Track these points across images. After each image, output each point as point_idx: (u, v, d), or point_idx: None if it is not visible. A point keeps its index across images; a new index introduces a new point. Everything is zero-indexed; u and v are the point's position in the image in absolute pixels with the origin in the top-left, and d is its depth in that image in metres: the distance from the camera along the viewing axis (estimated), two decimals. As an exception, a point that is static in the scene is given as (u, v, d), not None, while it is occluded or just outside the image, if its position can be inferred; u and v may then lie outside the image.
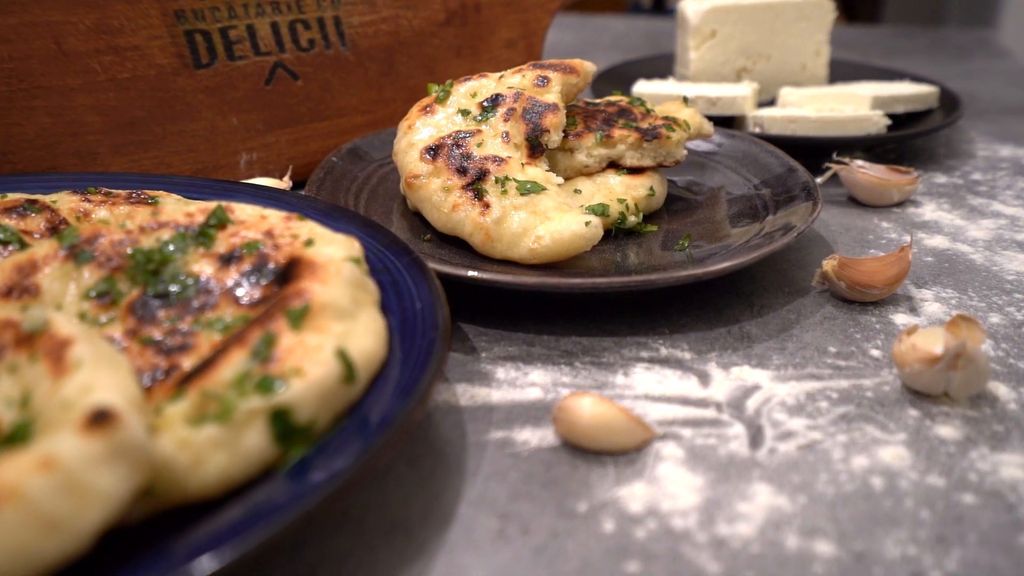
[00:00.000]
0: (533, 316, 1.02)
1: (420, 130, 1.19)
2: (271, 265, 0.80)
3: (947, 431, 0.82)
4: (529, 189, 1.08)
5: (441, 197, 1.11)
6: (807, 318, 1.02)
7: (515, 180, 1.09)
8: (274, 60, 1.39)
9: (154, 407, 0.65)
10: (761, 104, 1.80)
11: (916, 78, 1.87)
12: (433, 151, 1.14)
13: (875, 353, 0.95)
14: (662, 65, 2.00)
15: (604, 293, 1.03)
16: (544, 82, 1.21)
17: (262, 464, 0.64)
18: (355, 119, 1.49)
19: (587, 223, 1.04)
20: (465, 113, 1.20)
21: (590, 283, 0.94)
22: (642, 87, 1.67)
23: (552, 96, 1.19)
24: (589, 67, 1.25)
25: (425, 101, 1.24)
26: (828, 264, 1.06)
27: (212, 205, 0.87)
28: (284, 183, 1.29)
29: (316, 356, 0.67)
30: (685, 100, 1.35)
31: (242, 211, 0.88)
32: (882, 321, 1.02)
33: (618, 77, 1.85)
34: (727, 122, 1.62)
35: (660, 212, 1.25)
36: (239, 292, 0.78)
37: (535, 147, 1.14)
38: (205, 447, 0.62)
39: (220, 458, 0.62)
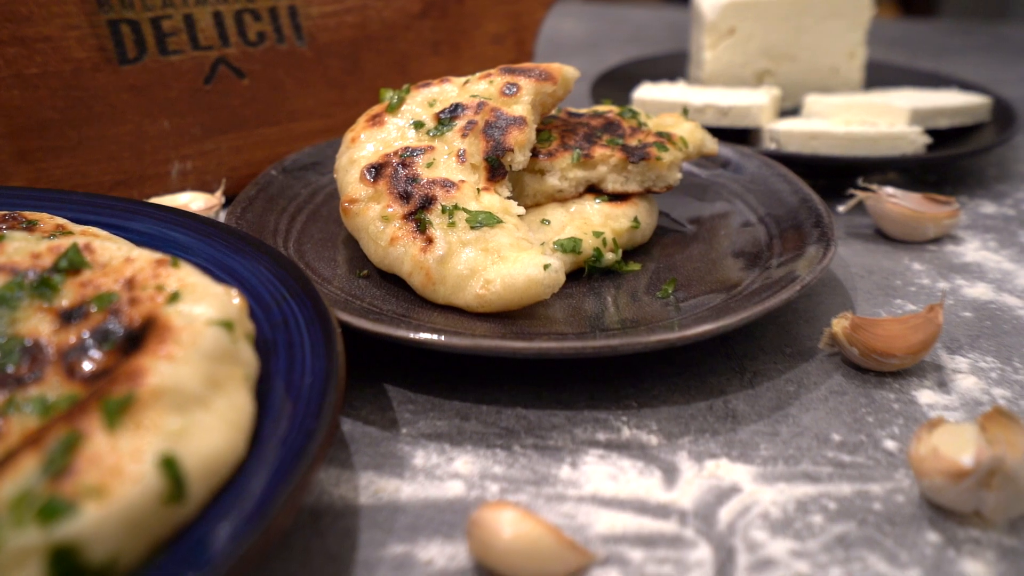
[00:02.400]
0: (474, 379, 0.86)
1: (364, 145, 1.03)
2: (121, 326, 0.65)
3: (976, 567, 0.65)
4: (481, 221, 0.92)
5: (378, 227, 0.95)
6: (809, 391, 0.86)
7: (465, 210, 0.93)
8: (216, 55, 1.24)
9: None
10: (784, 113, 1.62)
11: (966, 85, 1.67)
12: (375, 171, 0.99)
13: (889, 445, 0.78)
14: (676, 65, 1.83)
15: (553, 360, 0.87)
16: (513, 90, 1.05)
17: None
18: (311, 124, 1.34)
19: (546, 266, 0.88)
20: (418, 125, 1.04)
21: (535, 348, 0.78)
22: (645, 92, 1.50)
23: (521, 108, 1.03)
24: (570, 73, 1.09)
25: (375, 109, 1.08)
26: (838, 325, 0.89)
27: (67, 243, 0.72)
28: (216, 199, 1.15)
29: (129, 467, 0.53)
30: (685, 112, 1.18)
31: (104, 251, 0.73)
32: (902, 399, 0.85)
33: (621, 79, 1.68)
34: (741, 135, 1.45)
35: (647, 247, 1.09)
36: (75, 361, 0.63)
37: (495, 169, 0.99)
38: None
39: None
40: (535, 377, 0.86)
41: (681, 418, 0.81)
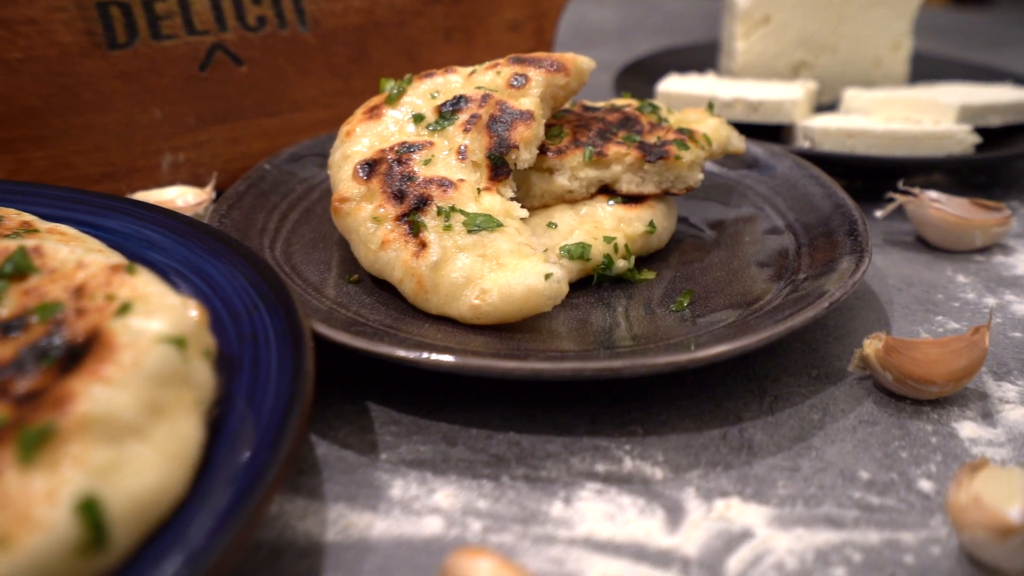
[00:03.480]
0: (465, 398, 0.80)
1: (359, 139, 0.97)
2: (62, 341, 0.59)
3: (1019, 638, 0.57)
4: (480, 225, 0.85)
5: (369, 229, 0.89)
6: (835, 420, 0.78)
7: (463, 212, 0.86)
8: (212, 41, 1.18)
9: None
10: (820, 108, 1.53)
11: (1021, 80, 1.57)
12: (369, 167, 0.92)
13: (925, 486, 0.70)
14: (708, 55, 1.74)
15: (548, 381, 0.80)
16: (521, 82, 0.98)
17: None
18: (313, 115, 1.28)
19: (547, 276, 0.81)
20: (418, 119, 0.97)
21: (527, 368, 0.71)
22: (671, 85, 1.42)
23: (528, 101, 0.96)
24: (584, 64, 1.01)
25: (374, 101, 1.02)
26: (870, 346, 0.81)
27: (14, 246, 0.67)
28: (206, 193, 1.09)
29: (39, 512, 0.47)
30: (710, 107, 1.10)
31: (55, 255, 0.67)
32: (941, 432, 0.76)
33: (649, 70, 1.60)
34: (772, 132, 1.36)
35: (663, 254, 1.01)
36: (8, 380, 0.58)
37: (498, 167, 0.92)
38: None
39: None
40: (532, 397, 0.80)
41: (691, 448, 0.74)
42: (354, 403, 0.79)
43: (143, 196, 1.05)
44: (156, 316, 0.61)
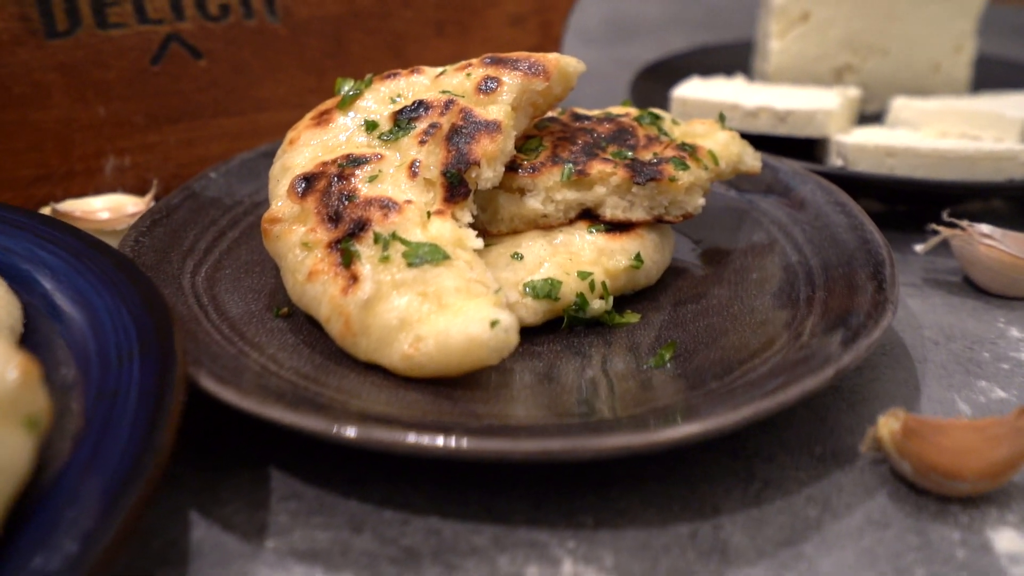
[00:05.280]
0: (386, 468, 0.68)
1: (302, 149, 0.85)
2: None
3: None
4: (423, 257, 0.73)
5: (298, 256, 0.77)
6: (837, 519, 0.64)
7: (404, 240, 0.74)
8: (167, 31, 1.08)
9: None
10: (865, 118, 1.37)
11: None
12: (307, 183, 0.81)
13: (942, 620, 0.56)
14: (742, 56, 1.59)
15: (473, 462, 0.67)
16: (492, 87, 0.85)
17: None
18: (281, 115, 1.17)
19: (493, 323, 0.69)
20: (371, 127, 0.86)
21: (443, 448, 0.59)
22: (689, 90, 1.28)
23: (497, 109, 0.83)
24: (570, 66, 0.88)
25: (326, 105, 0.90)
26: (886, 426, 0.67)
27: None
28: (145, 203, 0.99)
29: None
30: (722, 118, 0.96)
31: None
32: (970, 542, 0.62)
33: (672, 71, 1.46)
34: (804, 147, 1.21)
35: (653, 292, 0.88)
36: None
37: (455, 187, 0.79)
38: None
39: None
40: (466, 471, 0.67)
41: (649, 549, 0.61)
42: (253, 469, 0.68)
43: (66, 205, 0.94)
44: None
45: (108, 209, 0.95)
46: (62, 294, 0.72)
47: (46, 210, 0.94)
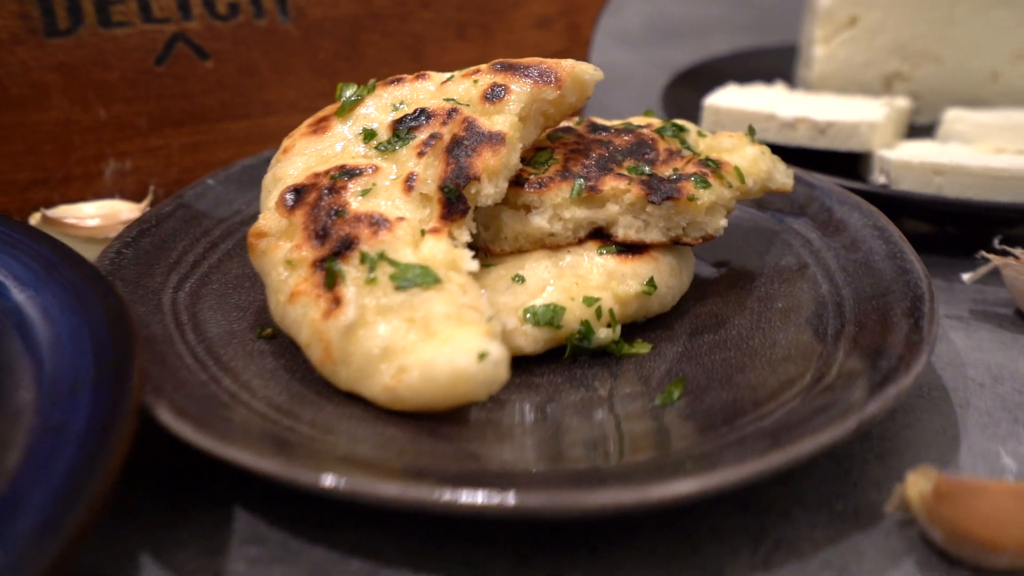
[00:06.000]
0: (358, 511, 0.62)
1: (295, 158, 0.81)
2: None
3: None
4: (411, 280, 0.68)
5: (282, 275, 0.73)
6: (857, 589, 0.57)
7: (392, 261, 0.70)
8: (173, 30, 1.05)
9: None
10: (914, 131, 1.28)
11: None
12: (296, 196, 0.76)
13: None
14: (786, 62, 1.51)
15: (447, 517, 0.61)
16: (499, 95, 0.80)
17: None
18: (290, 120, 1.12)
19: (481, 355, 0.63)
20: (369, 136, 0.81)
21: (410, 499, 0.54)
22: (722, 98, 1.21)
23: (503, 120, 0.78)
24: (586, 74, 0.83)
25: (324, 112, 0.86)
26: (915, 486, 0.60)
27: None
28: (141, 208, 0.96)
29: None
30: (751, 132, 0.90)
31: None
32: (1006, 623, 0.55)
33: (708, 77, 1.39)
34: (845, 163, 1.13)
35: (668, 319, 0.82)
36: None
37: (453, 203, 0.74)
38: None
39: None
40: (442, 519, 0.62)
41: (640, 618, 0.55)
42: (217, 508, 0.63)
43: (57, 211, 0.91)
44: None
45: (101, 216, 0.92)
46: (32, 310, 0.69)
47: (36, 215, 0.91)
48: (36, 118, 1.00)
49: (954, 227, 1.07)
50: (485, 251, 0.81)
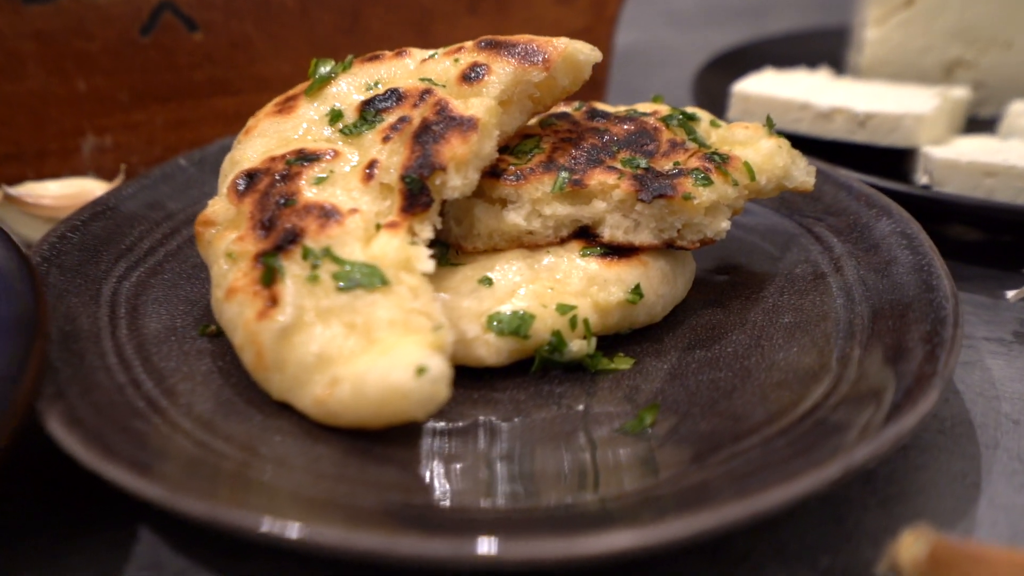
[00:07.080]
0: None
1: (256, 140, 0.76)
2: None
3: None
4: (356, 280, 0.62)
5: (223, 268, 0.68)
6: (830, 667, 0.49)
7: (337, 259, 0.63)
8: (160, -1, 1.00)
9: None
10: (975, 125, 1.17)
11: None
12: (249, 181, 0.71)
13: None
14: (837, 45, 1.40)
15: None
16: (478, 76, 0.73)
17: None
18: (284, 96, 1.07)
19: (420, 370, 0.57)
20: (335, 118, 0.75)
21: (328, 543, 0.47)
22: (754, 84, 1.11)
23: (479, 103, 0.71)
24: (581, 54, 0.76)
25: (295, 90, 0.81)
26: (908, 550, 0.51)
27: None
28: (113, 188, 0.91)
29: None
30: (770, 124, 0.81)
31: None
32: None
33: (747, 61, 1.29)
34: (889, 160, 1.03)
35: (658, 331, 0.74)
36: None
37: (415, 195, 0.68)
38: None
39: None
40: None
41: None
42: (117, 528, 0.58)
43: (21, 189, 0.88)
44: None
45: (68, 195, 0.88)
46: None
47: (-1, 193, 0.87)
48: (9, 88, 0.97)
49: (1010, 236, 0.96)
50: (457, 249, 0.75)
